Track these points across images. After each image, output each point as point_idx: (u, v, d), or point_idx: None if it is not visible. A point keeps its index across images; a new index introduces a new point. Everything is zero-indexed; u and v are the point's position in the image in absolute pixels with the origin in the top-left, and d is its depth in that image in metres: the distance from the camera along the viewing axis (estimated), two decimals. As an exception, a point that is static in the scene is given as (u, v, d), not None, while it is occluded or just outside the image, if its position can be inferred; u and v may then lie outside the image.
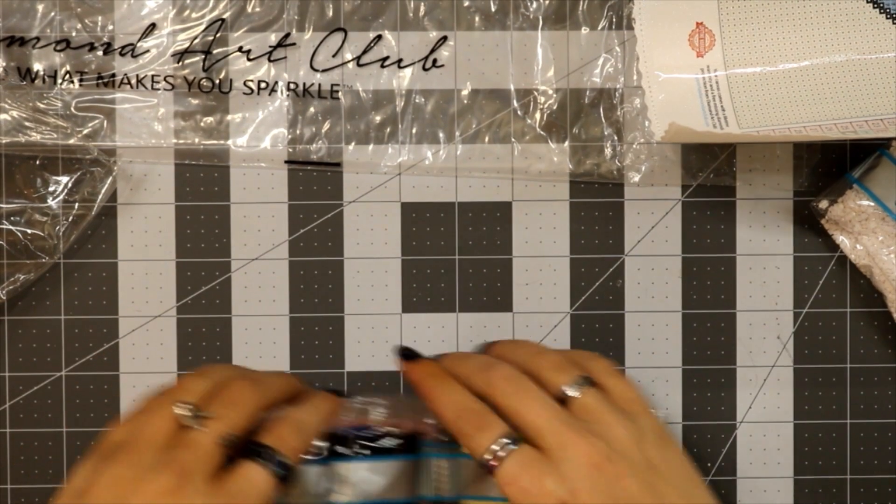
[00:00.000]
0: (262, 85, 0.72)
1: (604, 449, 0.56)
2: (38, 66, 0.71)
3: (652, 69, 0.69)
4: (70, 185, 0.71)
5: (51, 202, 0.71)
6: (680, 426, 0.73)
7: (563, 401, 0.59)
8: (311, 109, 0.72)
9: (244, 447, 0.55)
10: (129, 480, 0.52)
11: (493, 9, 0.72)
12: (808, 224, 0.73)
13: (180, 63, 0.72)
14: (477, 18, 0.72)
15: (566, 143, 0.72)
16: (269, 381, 0.60)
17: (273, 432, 0.56)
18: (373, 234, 0.73)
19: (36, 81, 0.71)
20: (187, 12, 0.72)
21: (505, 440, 0.56)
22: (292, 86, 0.72)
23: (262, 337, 0.73)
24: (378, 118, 0.72)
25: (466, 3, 0.72)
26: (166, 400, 0.56)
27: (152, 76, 0.72)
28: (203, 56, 0.72)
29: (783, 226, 0.73)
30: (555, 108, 0.72)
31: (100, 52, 0.72)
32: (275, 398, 0.59)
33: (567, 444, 0.56)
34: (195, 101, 0.72)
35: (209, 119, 0.72)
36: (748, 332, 0.73)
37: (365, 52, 0.72)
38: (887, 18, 0.67)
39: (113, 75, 0.72)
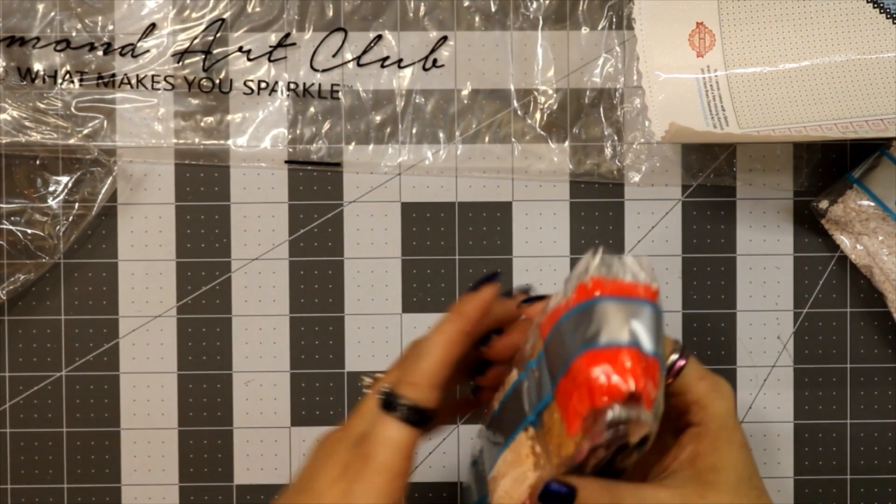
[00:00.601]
0: (263, 85, 0.72)
1: None
2: (38, 66, 0.71)
3: (652, 69, 0.69)
4: (70, 185, 0.71)
5: (51, 202, 0.71)
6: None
7: None
8: (312, 109, 0.72)
9: (383, 401, 0.56)
10: (351, 476, 0.55)
11: (493, 9, 0.72)
12: (808, 224, 0.73)
13: (180, 63, 0.72)
14: (477, 18, 0.72)
15: (566, 143, 0.72)
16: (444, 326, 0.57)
17: (405, 381, 0.56)
18: (373, 234, 0.73)
19: (36, 81, 0.71)
20: (187, 12, 0.72)
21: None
22: (292, 86, 0.72)
23: (262, 337, 0.73)
24: (378, 118, 0.72)
25: (466, 3, 0.72)
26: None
27: (152, 76, 0.72)
28: (203, 56, 0.72)
29: (783, 226, 0.73)
30: (555, 108, 0.72)
31: (100, 52, 0.72)
32: (445, 353, 0.56)
33: None
34: (195, 101, 0.72)
35: (209, 119, 0.72)
36: (748, 332, 0.73)
37: (365, 52, 0.72)
38: (887, 18, 0.67)
39: (113, 75, 0.72)
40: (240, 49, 0.72)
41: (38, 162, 0.71)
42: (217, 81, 0.72)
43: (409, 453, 0.55)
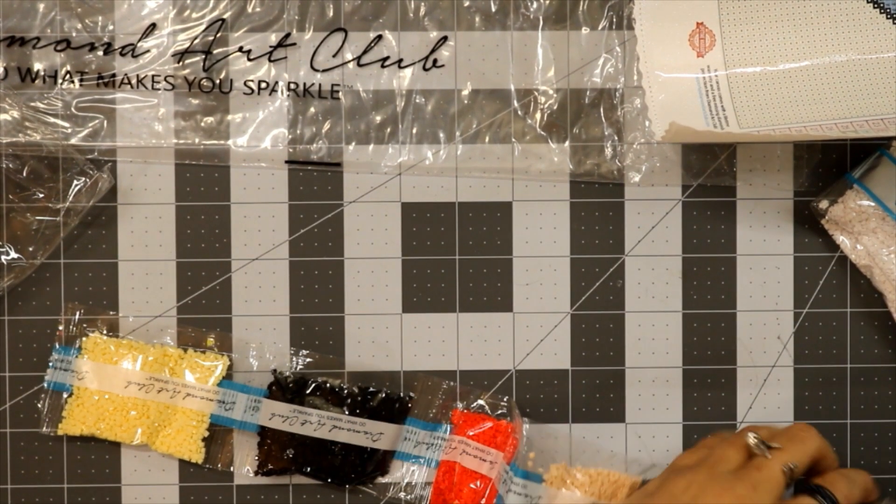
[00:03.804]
0: (263, 85, 0.72)
1: None
2: (38, 66, 0.71)
3: (652, 69, 0.69)
4: (70, 185, 0.71)
5: (50, 202, 0.71)
6: (680, 426, 0.73)
7: None
8: (312, 109, 0.72)
9: (804, 485, 0.63)
10: (704, 485, 0.61)
11: (493, 9, 0.72)
12: (808, 224, 0.73)
13: (180, 63, 0.72)
14: (477, 18, 0.72)
15: (566, 143, 0.72)
16: (853, 473, 0.66)
17: (828, 479, 0.63)
18: (373, 234, 0.73)
19: (36, 81, 0.72)
20: (187, 12, 0.72)
21: None
22: (293, 86, 0.72)
23: (262, 337, 0.73)
24: (378, 118, 0.72)
25: (467, 3, 0.72)
26: (736, 436, 0.64)
27: (153, 76, 0.72)
28: (203, 56, 0.72)
29: (783, 226, 0.73)
30: (555, 108, 0.72)
31: (100, 52, 0.72)
32: (828, 452, 0.65)
33: None
34: (195, 101, 0.72)
35: (209, 119, 0.72)
36: (748, 332, 0.73)
37: (365, 52, 0.72)
38: (887, 18, 0.67)
39: (113, 75, 0.72)
40: (240, 49, 0.72)
41: (37, 162, 0.71)
42: (217, 81, 0.72)
43: None
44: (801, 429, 0.64)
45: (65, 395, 0.71)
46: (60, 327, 0.72)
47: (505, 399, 0.72)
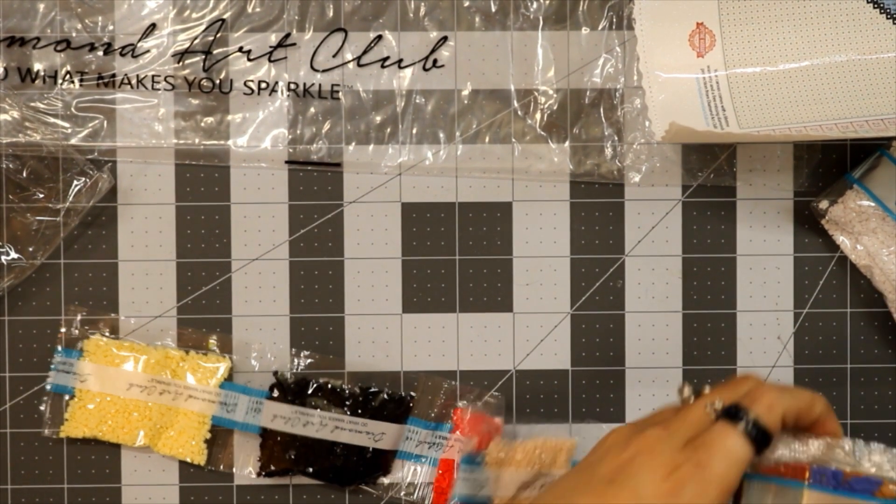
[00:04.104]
0: (263, 85, 0.72)
1: None
2: (38, 66, 0.71)
3: (652, 69, 0.69)
4: (70, 185, 0.71)
5: (50, 202, 0.71)
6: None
7: None
8: (312, 109, 0.72)
9: (726, 410, 0.56)
10: (627, 436, 0.56)
11: (493, 9, 0.72)
12: (808, 224, 0.73)
13: (180, 63, 0.72)
14: (477, 18, 0.72)
15: (566, 144, 0.72)
16: (794, 389, 0.59)
17: (756, 399, 0.56)
18: (373, 234, 0.73)
19: (36, 81, 0.71)
20: (187, 12, 0.72)
21: None
22: (293, 86, 0.72)
23: (262, 337, 0.73)
24: (378, 118, 0.72)
25: (467, 4, 0.72)
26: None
27: (152, 76, 0.72)
28: (203, 56, 0.72)
29: (783, 226, 0.73)
30: (555, 108, 0.72)
31: (100, 53, 0.72)
32: (794, 403, 0.57)
33: None
34: (195, 102, 0.72)
35: (209, 119, 0.72)
36: (748, 332, 0.73)
37: (365, 52, 0.72)
38: (887, 18, 0.67)
39: (113, 75, 0.72)
40: (240, 49, 0.72)
41: (38, 162, 0.71)
42: (217, 81, 0.72)
43: (741, 470, 0.55)
44: (742, 375, 0.59)
45: (67, 398, 0.71)
46: (62, 329, 0.72)
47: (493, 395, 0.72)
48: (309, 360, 0.72)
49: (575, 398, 0.73)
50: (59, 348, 0.71)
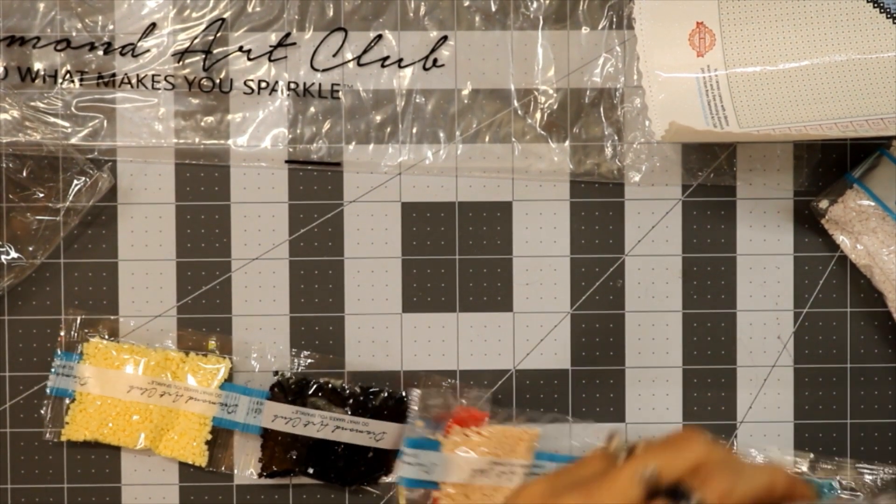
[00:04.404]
0: (263, 84, 0.72)
1: None
2: (38, 66, 0.71)
3: (652, 69, 0.69)
4: (70, 184, 0.71)
5: (50, 202, 0.71)
6: (680, 426, 0.73)
7: None
8: (312, 109, 0.72)
9: (670, 489, 0.48)
10: (543, 492, 0.49)
11: (493, 9, 0.72)
12: (808, 224, 0.73)
13: (181, 63, 0.72)
14: (477, 18, 0.72)
15: (566, 143, 0.72)
16: (750, 469, 0.50)
17: (705, 481, 0.48)
18: (373, 234, 0.73)
19: (36, 81, 0.71)
20: (187, 12, 0.72)
21: None
22: (293, 85, 0.72)
23: (262, 337, 0.73)
24: (378, 118, 0.72)
25: (467, 3, 0.72)
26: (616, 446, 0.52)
27: (153, 76, 0.72)
28: (203, 56, 0.72)
29: (783, 226, 0.73)
30: (555, 107, 0.72)
31: (100, 52, 0.71)
32: (751, 490, 0.49)
33: None
34: (195, 101, 0.72)
35: (209, 119, 0.72)
36: (748, 332, 0.73)
37: (365, 51, 0.72)
38: (887, 18, 0.67)
39: (113, 75, 0.72)
40: (240, 49, 0.72)
41: (38, 162, 0.71)
42: (217, 81, 0.72)
43: None
44: (684, 433, 0.50)
45: (67, 401, 0.71)
46: (62, 333, 0.71)
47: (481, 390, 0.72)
48: (309, 360, 0.72)
49: (575, 398, 0.73)
50: (59, 351, 0.71)
